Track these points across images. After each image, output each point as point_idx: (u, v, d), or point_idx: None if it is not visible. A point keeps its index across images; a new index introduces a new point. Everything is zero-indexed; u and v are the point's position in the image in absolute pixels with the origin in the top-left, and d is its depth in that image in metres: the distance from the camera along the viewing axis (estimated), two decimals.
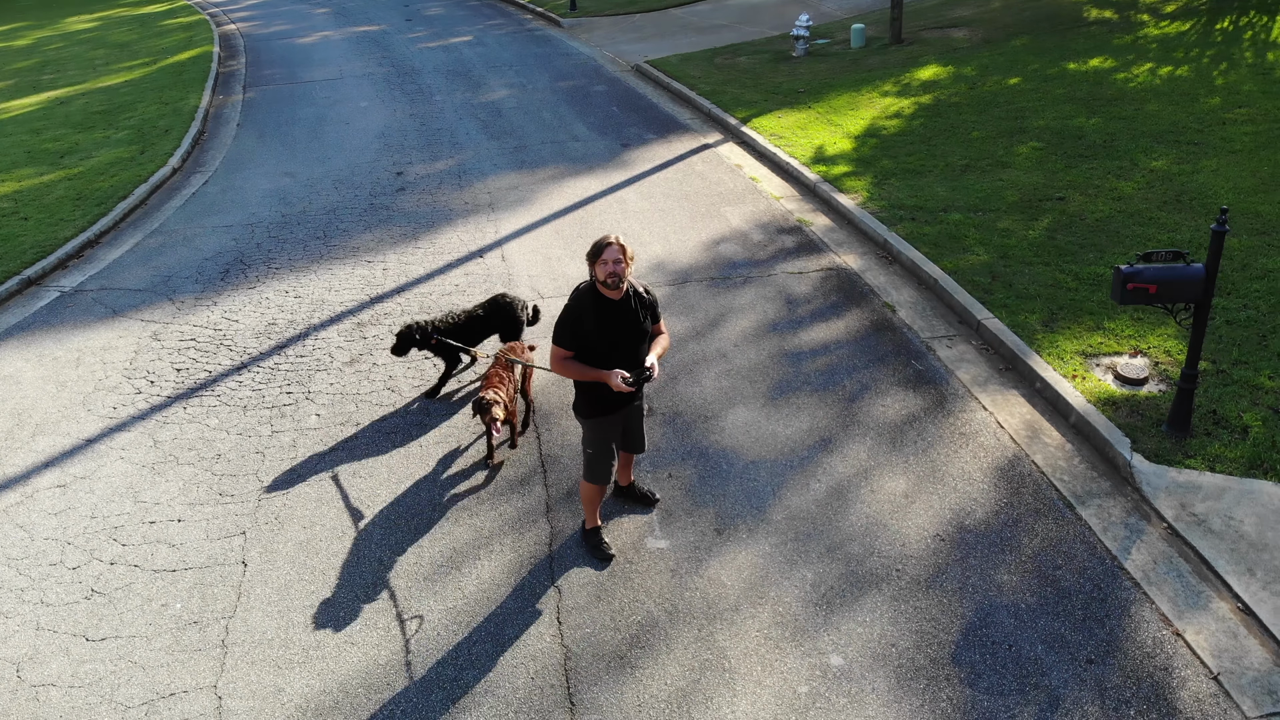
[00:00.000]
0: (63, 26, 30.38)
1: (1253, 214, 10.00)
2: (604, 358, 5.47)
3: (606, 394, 5.59)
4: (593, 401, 5.66)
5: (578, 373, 5.51)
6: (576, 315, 5.42)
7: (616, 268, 5.32)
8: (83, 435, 7.81)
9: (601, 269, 5.33)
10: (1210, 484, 6.44)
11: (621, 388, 5.36)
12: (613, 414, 5.73)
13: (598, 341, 5.43)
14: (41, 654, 5.70)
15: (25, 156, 15.04)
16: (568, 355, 5.49)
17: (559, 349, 5.50)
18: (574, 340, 5.44)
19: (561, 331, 5.46)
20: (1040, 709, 4.97)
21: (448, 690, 5.27)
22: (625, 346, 5.51)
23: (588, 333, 5.40)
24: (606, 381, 5.41)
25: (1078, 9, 18.51)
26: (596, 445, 5.78)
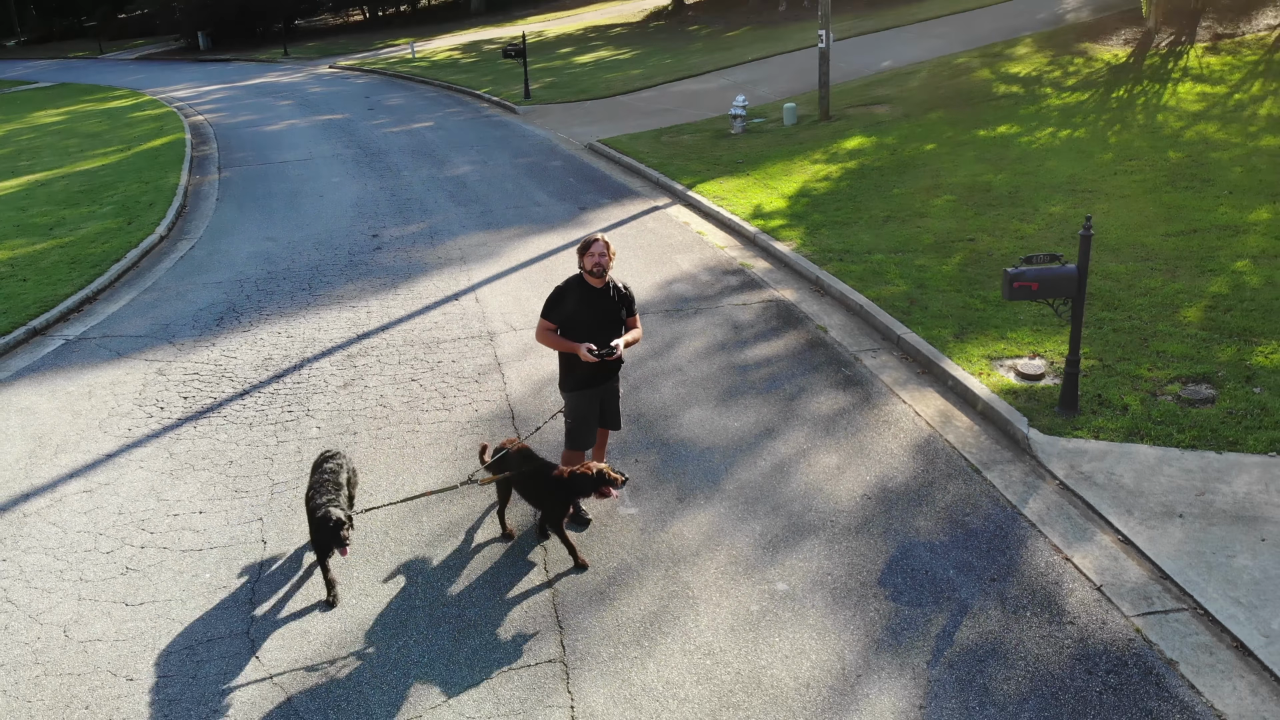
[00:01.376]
0: (31, 120, 31.42)
1: (1139, 245, 11.47)
2: (582, 336, 6.54)
3: (582, 369, 6.65)
4: (574, 376, 6.71)
5: (555, 343, 6.59)
6: (562, 295, 6.54)
7: (601, 260, 6.48)
8: (102, 451, 8.62)
9: (589, 260, 6.48)
10: (1095, 448, 7.63)
11: (588, 358, 6.45)
12: (590, 389, 6.77)
13: (578, 320, 6.52)
14: (85, 618, 6.47)
15: (15, 229, 15.92)
16: (551, 328, 6.56)
17: (545, 321, 6.58)
18: (558, 315, 6.52)
19: (549, 307, 6.56)
20: (952, 614, 6.00)
21: (453, 624, 6.15)
22: (602, 328, 6.60)
23: (571, 312, 6.50)
24: (576, 352, 6.48)
25: (988, 86, 20.47)
26: (576, 416, 6.80)
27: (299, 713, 5.52)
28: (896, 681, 5.49)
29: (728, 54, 30.04)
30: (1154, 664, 5.53)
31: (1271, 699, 5.31)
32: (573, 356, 6.66)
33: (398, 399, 9.19)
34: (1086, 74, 20.21)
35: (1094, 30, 23.44)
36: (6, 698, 5.80)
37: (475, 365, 9.78)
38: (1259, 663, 5.57)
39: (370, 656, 5.92)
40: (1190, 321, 9.46)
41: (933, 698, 5.37)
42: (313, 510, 6.32)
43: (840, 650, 5.74)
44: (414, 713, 5.46)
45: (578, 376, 6.74)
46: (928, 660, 5.64)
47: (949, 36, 26.00)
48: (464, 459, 8.07)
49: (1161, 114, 16.79)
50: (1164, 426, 7.75)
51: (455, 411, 8.88)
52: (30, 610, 6.57)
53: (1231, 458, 7.38)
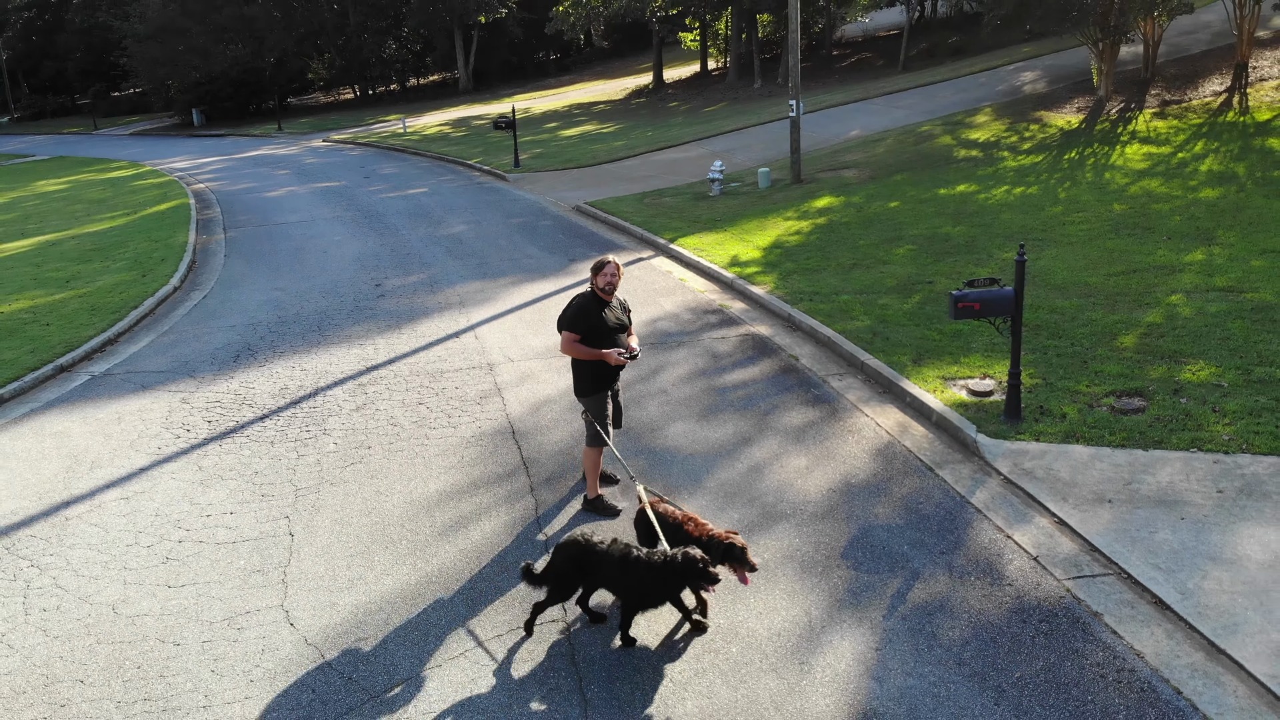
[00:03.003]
0: (35, 188, 32.52)
1: (1082, 284, 12.54)
2: (599, 342, 7.53)
3: (601, 372, 7.62)
4: (593, 379, 7.67)
5: (584, 352, 7.54)
6: (585, 310, 7.50)
7: (612, 279, 7.50)
8: (135, 466, 9.39)
9: (602, 279, 7.49)
10: (1036, 449, 8.54)
11: (619, 360, 7.51)
12: (604, 390, 7.70)
13: (599, 330, 7.52)
14: (131, 599, 7.20)
15: (33, 282, 16.81)
16: (577, 338, 7.49)
17: (571, 334, 7.53)
18: (583, 326, 7.48)
19: (575, 321, 7.53)
20: (905, 579, 6.83)
21: (467, 595, 6.93)
22: (614, 335, 7.59)
23: (592, 324, 7.46)
24: (606, 358, 7.46)
25: (949, 150, 21.87)
26: (600, 415, 7.74)
27: (332, 665, 6.27)
28: (856, 630, 6.30)
29: (706, 126, 31.62)
30: (1081, 615, 6.36)
31: (1185, 642, 6.14)
32: (593, 363, 7.62)
33: (407, 419, 10.03)
34: (1041, 139, 21.66)
35: (1049, 100, 25.04)
36: (65, 663, 6.51)
37: (477, 390, 10.65)
38: (1175, 614, 6.41)
39: (394, 622, 6.68)
40: (1126, 346, 10.46)
41: (887, 642, 6.17)
42: (661, 558, 6.02)
43: (807, 608, 6.55)
44: (435, 663, 6.22)
45: (598, 380, 7.68)
46: (883, 614, 6.45)
47: (914, 107, 27.60)
48: (470, 466, 8.90)
49: (1109, 172, 18.12)
50: (1098, 430, 8.67)
51: (460, 428, 9.72)
52: (79, 594, 7.29)
53: (1157, 454, 8.30)
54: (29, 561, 7.77)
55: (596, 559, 6.19)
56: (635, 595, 6.14)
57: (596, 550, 6.20)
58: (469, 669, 6.14)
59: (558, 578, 6.26)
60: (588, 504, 7.98)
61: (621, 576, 6.13)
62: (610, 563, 6.15)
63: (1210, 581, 6.64)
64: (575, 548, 6.24)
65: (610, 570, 6.16)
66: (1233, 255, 12.99)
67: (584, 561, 6.21)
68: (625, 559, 6.13)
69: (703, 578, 5.98)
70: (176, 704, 6.02)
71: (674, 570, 5.99)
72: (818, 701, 5.69)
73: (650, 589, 6.08)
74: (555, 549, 6.37)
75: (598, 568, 6.20)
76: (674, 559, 6.00)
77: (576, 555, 6.22)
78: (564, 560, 6.24)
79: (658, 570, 6.02)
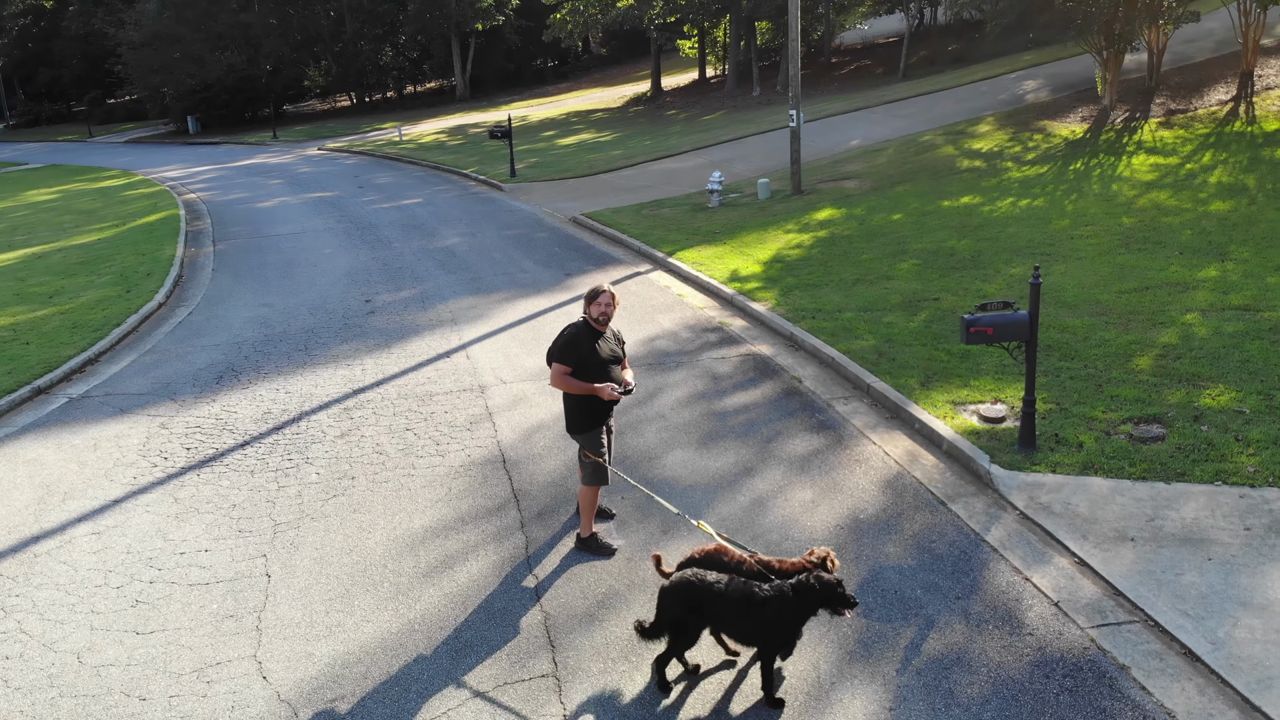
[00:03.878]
0: (24, 198, 32.10)
1: (1094, 302, 12.15)
2: (592, 375, 7.04)
3: (595, 407, 7.15)
4: (587, 415, 7.20)
5: (576, 386, 7.05)
6: (576, 341, 7.03)
7: (607, 310, 7.04)
8: (109, 498, 8.97)
9: (595, 309, 7.03)
10: (1052, 481, 8.13)
11: (613, 396, 7.01)
12: (599, 425, 7.25)
13: (590, 362, 7.03)
14: (97, 646, 6.77)
15: (14, 298, 16.38)
16: (568, 371, 7.03)
17: (562, 366, 7.05)
18: (574, 358, 7.00)
19: (565, 353, 7.04)
20: (920, 628, 6.42)
21: (451, 646, 6.50)
22: (608, 367, 7.12)
23: (584, 355, 6.99)
24: (599, 393, 6.97)
25: (952, 161, 21.49)
26: (598, 451, 7.26)
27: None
28: (868, 687, 5.88)
29: (704, 135, 31.25)
30: (1107, 669, 5.95)
31: (1218, 698, 5.73)
32: (586, 397, 7.13)
33: (393, 446, 9.61)
34: (1045, 149, 21.28)
35: (1052, 109, 24.68)
36: (24, 718, 6.09)
37: (467, 415, 10.24)
38: (1206, 666, 6.00)
39: (373, 676, 6.26)
40: (1142, 369, 10.06)
41: (901, 701, 5.76)
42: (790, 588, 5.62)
43: (815, 661, 6.13)
44: None
45: (592, 415, 7.21)
46: (897, 668, 6.04)
47: (915, 116, 27.24)
48: (457, 499, 8.48)
49: (1116, 184, 17.74)
50: (1117, 461, 8.27)
51: (449, 457, 9.30)
52: (44, 640, 6.87)
53: (1180, 487, 7.89)
54: None
55: (713, 600, 5.66)
56: (770, 634, 5.62)
57: (713, 590, 5.67)
58: None
59: (674, 625, 5.74)
60: (580, 543, 7.56)
61: (747, 618, 5.60)
62: (731, 603, 5.64)
63: (1241, 630, 6.23)
64: (689, 590, 5.70)
65: (730, 611, 5.65)
66: (1247, 271, 12.60)
67: (700, 603, 5.69)
68: (750, 597, 5.59)
69: (841, 601, 5.58)
70: None
71: (811, 598, 5.54)
72: None
73: (787, 623, 5.61)
74: (664, 593, 5.82)
75: (716, 609, 5.69)
76: (810, 585, 5.54)
77: (691, 598, 5.70)
78: (679, 605, 5.72)
79: (793, 601, 5.56)
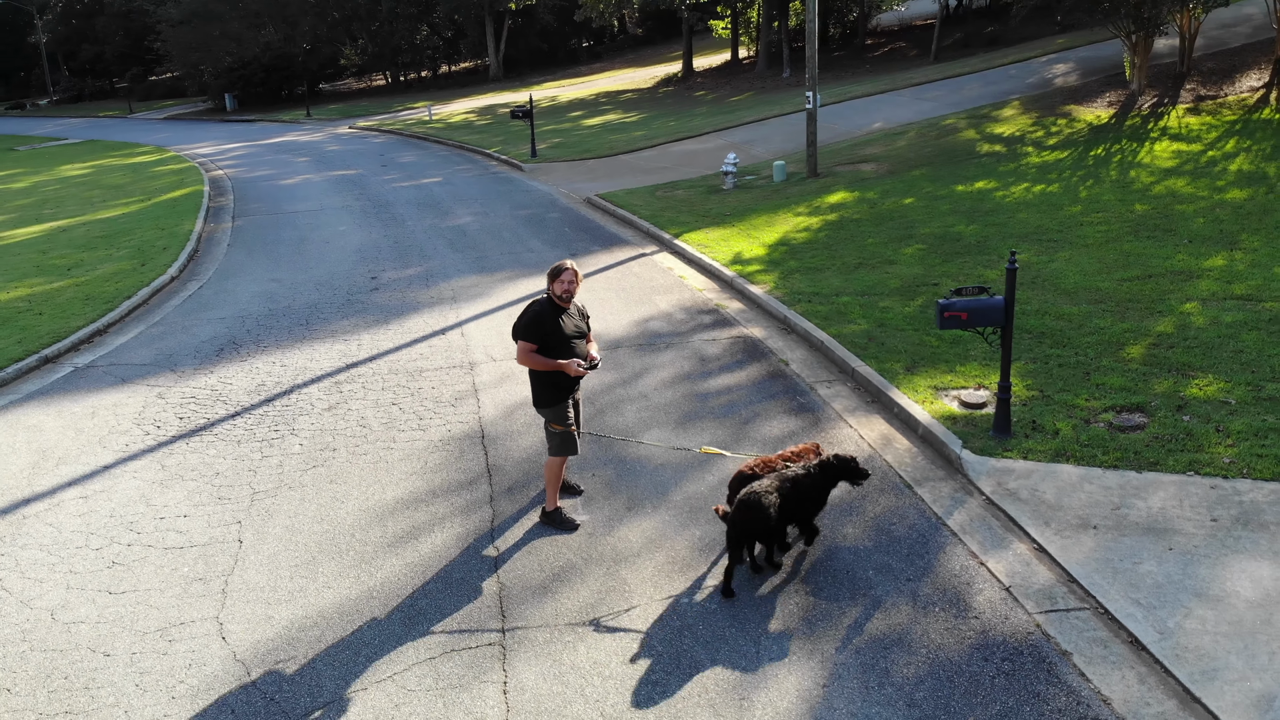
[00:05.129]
0: (58, 173, 32.77)
1: (1093, 289, 12.00)
2: (557, 351, 7.17)
3: (560, 382, 7.28)
4: (553, 389, 7.34)
5: (539, 363, 7.19)
6: (540, 319, 7.16)
7: (570, 286, 7.17)
8: (100, 464, 9.23)
9: (559, 286, 7.15)
10: (1022, 468, 8.09)
11: (578, 372, 7.18)
12: (565, 399, 7.38)
13: (555, 338, 7.16)
14: (71, 604, 7.01)
15: (35, 270, 16.80)
16: (533, 348, 7.16)
17: (527, 343, 7.18)
18: (538, 335, 7.12)
19: (530, 330, 7.16)
20: (865, 608, 6.45)
21: (405, 613, 6.65)
22: (572, 343, 7.25)
23: (549, 332, 7.11)
24: (565, 369, 7.13)
25: (972, 145, 21.23)
26: (564, 422, 7.40)
27: (256, 685, 6.02)
28: (805, 664, 5.94)
29: (729, 116, 31.10)
30: (1048, 654, 5.95)
31: (1158, 688, 5.71)
32: (552, 373, 7.27)
33: (377, 420, 9.78)
34: (1068, 134, 20.95)
35: (1079, 94, 24.25)
36: None
37: (454, 391, 10.38)
38: (1151, 656, 5.98)
39: (326, 639, 6.42)
40: (1133, 358, 9.94)
41: (836, 678, 5.81)
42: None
43: (757, 637, 6.19)
44: (361, 686, 5.95)
45: (558, 390, 7.35)
46: (836, 647, 6.08)
47: (940, 100, 26.91)
48: (432, 472, 8.63)
49: (1135, 170, 17.44)
50: (1090, 449, 8.20)
51: (429, 431, 9.45)
52: (22, 597, 7.12)
53: (1150, 476, 7.82)
54: None
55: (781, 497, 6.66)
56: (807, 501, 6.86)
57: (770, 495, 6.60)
58: (394, 694, 5.86)
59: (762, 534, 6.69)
60: (545, 516, 7.67)
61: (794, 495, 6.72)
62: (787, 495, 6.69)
63: (1193, 620, 6.20)
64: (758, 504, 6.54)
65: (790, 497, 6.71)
66: (1255, 261, 12.37)
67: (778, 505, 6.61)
68: (792, 479, 6.76)
69: (857, 474, 6.94)
70: (96, 718, 5.81)
71: (833, 472, 6.91)
72: None
73: (820, 491, 6.89)
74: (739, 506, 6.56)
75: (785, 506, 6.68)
76: (832, 461, 6.92)
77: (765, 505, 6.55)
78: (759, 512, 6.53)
79: (819, 476, 6.86)
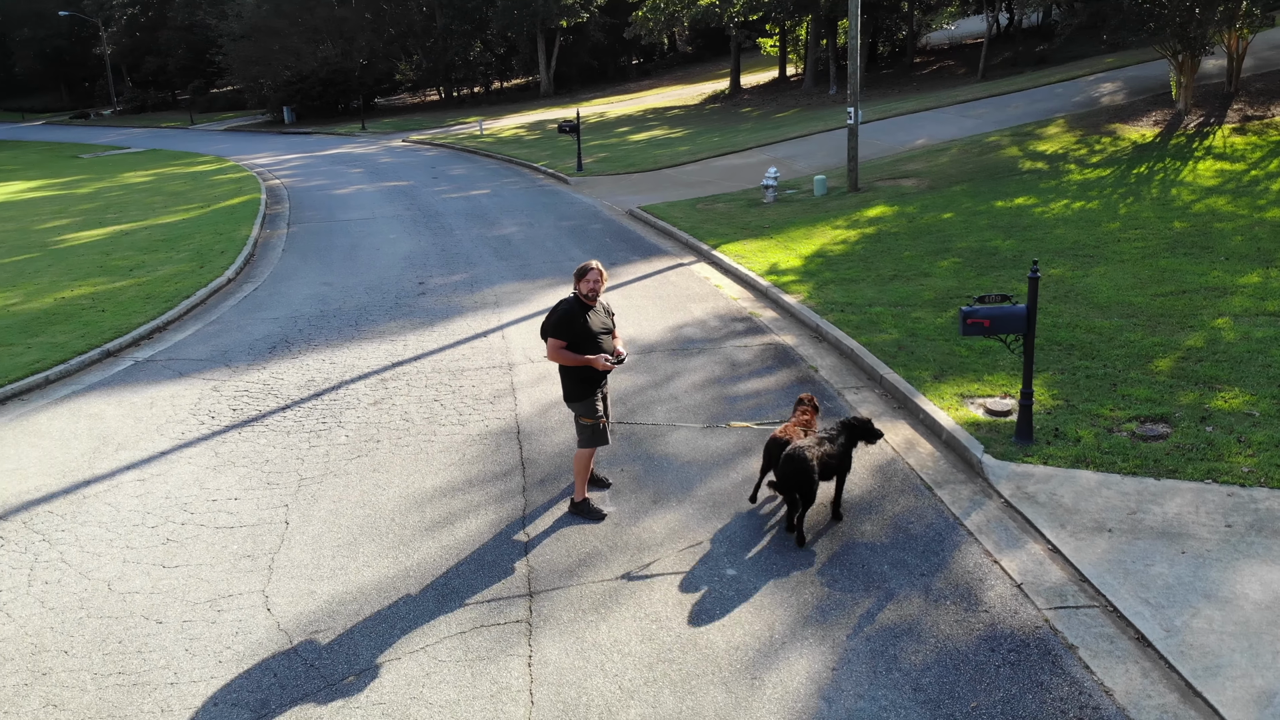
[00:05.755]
0: (121, 180, 34.00)
1: (1126, 304, 12.10)
2: (585, 347, 7.57)
3: (590, 376, 7.68)
4: (583, 383, 7.72)
5: (569, 358, 7.58)
6: (570, 317, 7.55)
7: (595, 285, 7.57)
8: (157, 449, 9.75)
9: (585, 285, 7.55)
10: (1042, 472, 8.26)
11: (606, 366, 7.57)
12: (594, 393, 7.76)
13: (584, 335, 7.55)
14: (127, 576, 7.47)
15: (98, 270, 17.59)
16: (563, 345, 7.54)
17: (558, 340, 7.58)
18: (569, 333, 7.51)
19: (560, 328, 7.57)
20: (878, 600, 6.68)
21: (439, 590, 7.01)
22: (599, 339, 7.63)
23: (576, 329, 7.49)
24: (593, 364, 7.52)
25: (1014, 162, 21.30)
26: (595, 416, 7.78)
27: (298, 651, 6.41)
28: (816, 649, 6.19)
29: (773, 132, 31.39)
30: (1054, 647, 6.14)
31: (1161, 681, 5.88)
32: (581, 368, 7.65)
33: (420, 415, 10.20)
34: (1112, 152, 20.94)
35: (1125, 112, 24.20)
36: (54, 634, 6.79)
37: (492, 389, 10.78)
38: (1156, 652, 6.14)
39: (364, 613, 6.80)
40: (1161, 370, 10.04)
41: (845, 662, 6.05)
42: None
43: (771, 623, 6.45)
44: (395, 655, 6.31)
45: (587, 384, 7.74)
46: (847, 634, 6.32)
47: (985, 117, 26.97)
48: (469, 464, 9.01)
49: (1176, 188, 17.43)
50: (1110, 456, 8.35)
51: (468, 426, 9.85)
52: (81, 569, 7.60)
53: (1169, 484, 7.95)
54: (41, 536, 8.13)
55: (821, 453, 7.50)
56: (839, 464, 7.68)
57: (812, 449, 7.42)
58: (426, 663, 6.22)
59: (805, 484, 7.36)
60: (574, 507, 8.00)
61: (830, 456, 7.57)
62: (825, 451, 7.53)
63: (1200, 620, 6.34)
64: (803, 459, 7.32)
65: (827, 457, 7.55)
66: None
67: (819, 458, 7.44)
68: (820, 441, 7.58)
69: (872, 433, 7.81)
70: (147, 679, 6.24)
71: (854, 432, 7.79)
72: (763, 718, 5.61)
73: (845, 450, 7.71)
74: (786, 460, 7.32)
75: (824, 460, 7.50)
76: (852, 423, 7.83)
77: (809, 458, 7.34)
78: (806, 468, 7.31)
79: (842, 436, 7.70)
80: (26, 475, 9.37)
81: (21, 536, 8.17)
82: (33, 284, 17.13)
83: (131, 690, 6.15)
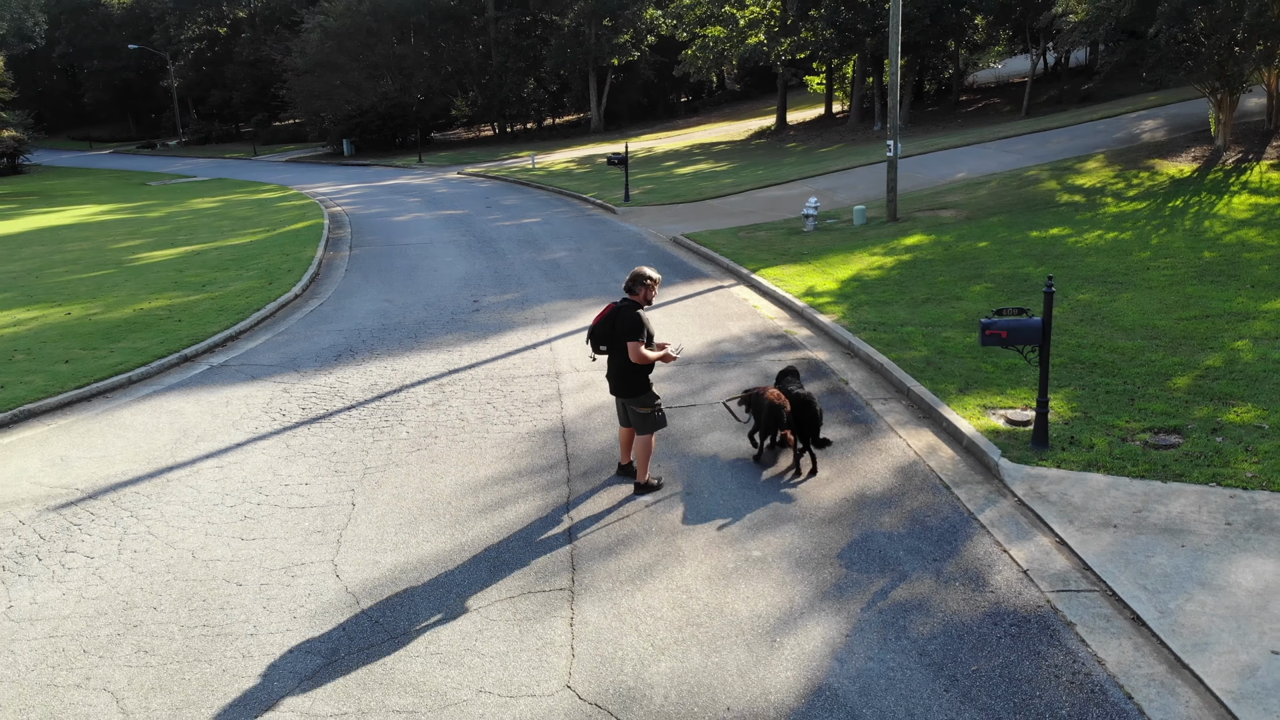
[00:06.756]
0: (189, 205, 35.65)
1: (1151, 327, 12.55)
2: (651, 345, 8.55)
3: (651, 369, 8.65)
4: (648, 378, 8.68)
5: (652, 355, 8.53)
6: (644, 319, 8.51)
7: (650, 291, 8.47)
8: (233, 441, 10.62)
9: (648, 292, 8.44)
10: (1054, 475, 8.78)
11: (674, 357, 8.62)
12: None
13: (650, 335, 8.55)
14: (209, 546, 8.28)
15: (173, 285, 18.74)
16: (643, 344, 8.47)
17: (638, 342, 8.43)
18: (647, 334, 8.51)
19: (641, 330, 8.45)
20: (892, 580, 7.26)
21: (491, 563, 7.72)
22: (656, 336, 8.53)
23: (649, 330, 8.54)
24: (666, 357, 8.58)
25: (1052, 195, 21.77)
26: (653, 403, 8.71)
27: (364, 611, 7.14)
28: (832, 619, 6.78)
29: (816, 165, 32.12)
30: (1053, 623, 6.66)
31: (1151, 655, 6.38)
32: (649, 365, 8.63)
33: (474, 415, 10.98)
34: (1149, 186, 21.33)
35: (1165, 149, 24.56)
36: (143, 593, 7.60)
37: (540, 395, 11.53)
38: (1149, 630, 6.64)
39: (423, 579, 7.53)
40: (1178, 387, 10.50)
41: (858, 630, 6.63)
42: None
43: (791, 596, 7.06)
44: (450, 615, 7.02)
45: (650, 377, 8.72)
46: (862, 607, 6.90)
47: (1025, 152, 27.45)
48: (519, 457, 9.75)
49: (1209, 220, 17.80)
50: (1121, 461, 8.84)
51: (518, 426, 10.59)
52: (166, 540, 8.43)
53: (1174, 486, 8.43)
54: (129, 513, 8.99)
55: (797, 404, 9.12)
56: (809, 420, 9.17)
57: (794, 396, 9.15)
58: (479, 622, 6.91)
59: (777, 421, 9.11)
60: (639, 488, 8.84)
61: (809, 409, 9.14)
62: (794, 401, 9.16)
63: (1193, 604, 6.82)
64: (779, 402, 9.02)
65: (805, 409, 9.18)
66: None
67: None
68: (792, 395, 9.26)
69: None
70: (229, 630, 7.00)
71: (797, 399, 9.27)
72: (780, 674, 6.21)
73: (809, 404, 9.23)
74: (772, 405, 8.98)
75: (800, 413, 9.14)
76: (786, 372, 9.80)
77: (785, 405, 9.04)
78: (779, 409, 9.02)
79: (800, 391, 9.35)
80: (113, 461, 10.27)
81: (110, 513, 9.03)
82: (112, 296, 18.32)
83: (215, 639, 6.91)
